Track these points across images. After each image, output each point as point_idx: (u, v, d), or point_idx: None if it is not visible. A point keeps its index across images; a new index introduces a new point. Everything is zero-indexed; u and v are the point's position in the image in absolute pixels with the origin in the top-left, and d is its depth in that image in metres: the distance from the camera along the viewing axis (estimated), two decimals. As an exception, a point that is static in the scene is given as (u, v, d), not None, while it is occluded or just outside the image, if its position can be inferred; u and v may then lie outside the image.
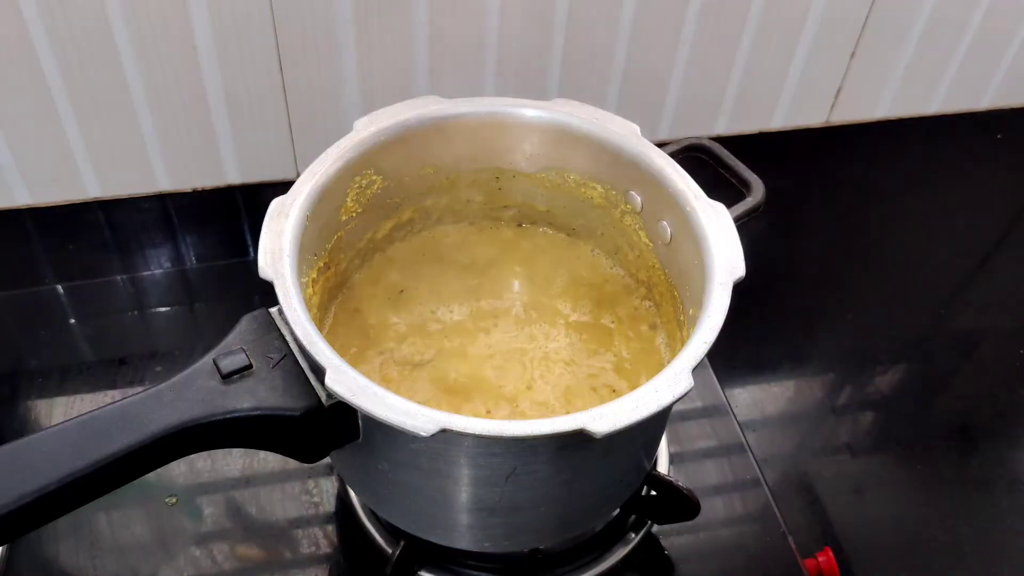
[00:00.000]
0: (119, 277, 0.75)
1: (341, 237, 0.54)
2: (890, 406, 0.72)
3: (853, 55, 0.88)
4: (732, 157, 0.58)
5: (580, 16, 0.77)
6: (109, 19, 0.67)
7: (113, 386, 0.66)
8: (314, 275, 0.51)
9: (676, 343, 0.53)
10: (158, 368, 0.68)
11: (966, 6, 0.87)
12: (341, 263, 0.56)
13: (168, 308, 0.74)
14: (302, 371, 0.43)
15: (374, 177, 0.54)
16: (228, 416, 0.41)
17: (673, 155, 0.53)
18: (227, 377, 0.42)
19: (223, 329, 0.45)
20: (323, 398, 0.42)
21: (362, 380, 0.40)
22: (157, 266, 0.77)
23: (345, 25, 0.72)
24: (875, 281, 0.82)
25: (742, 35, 0.83)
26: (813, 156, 0.94)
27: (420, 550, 0.55)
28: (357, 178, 0.53)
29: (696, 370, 0.42)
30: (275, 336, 0.44)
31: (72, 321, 0.72)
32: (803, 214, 0.88)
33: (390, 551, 0.56)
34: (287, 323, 0.43)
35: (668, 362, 0.43)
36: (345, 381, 0.40)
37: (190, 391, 0.42)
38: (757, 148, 0.91)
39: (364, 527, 0.58)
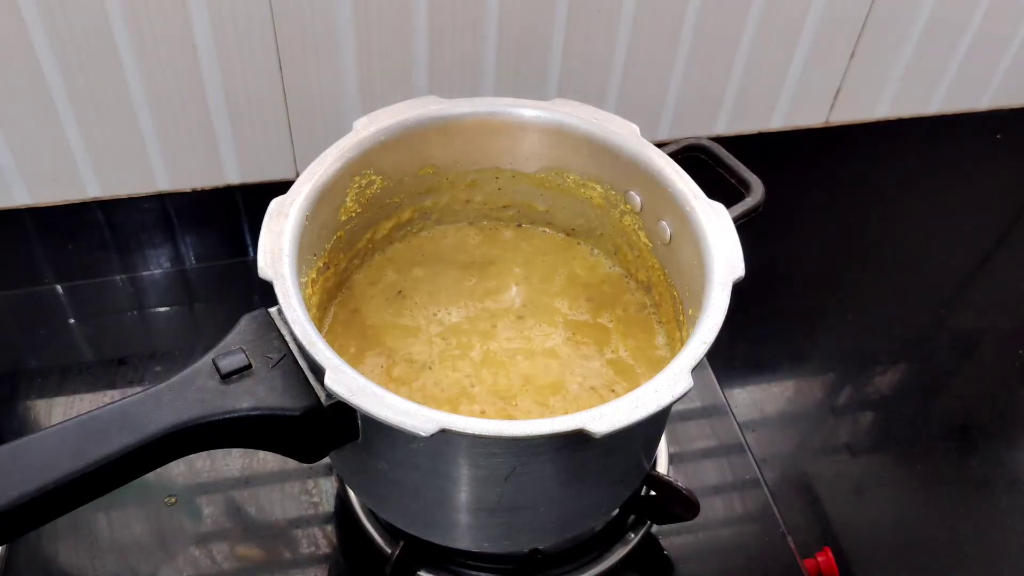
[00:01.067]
0: (119, 277, 0.75)
1: (341, 237, 0.54)
2: (890, 406, 0.72)
3: (853, 55, 0.88)
4: (731, 157, 0.58)
5: (580, 16, 0.77)
6: (109, 19, 0.67)
7: (113, 386, 0.66)
8: (313, 275, 0.51)
9: (675, 343, 0.53)
10: (158, 368, 0.68)
11: (966, 6, 0.87)
12: (340, 263, 0.56)
13: (168, 308, 0.74)
14: (301, 371, 0.43)
15: (374, 177, 0.54)
16: (227, 416, 0.41)
17: (673, 155, 0.53)
18: (226, 377, 0.42)
19: (223, 329, 0.45)
20: (322, 398, 0.42)
21: (361, 380, 0.40)
22: (157, 266, 0.77)
23: (345, 25, 0.72)
24: (875, 281, 0.82)
25: (742, 35, 0.82)
26: (813, 156, 0.94)
27: (420, 550, 0.55)
28: (357, 178, 0.53)
29: (695, 370, 0.42)
30: (274, 336, 0.44)
31: (72, 321, 0.72)
32: (803, 214, 0.88)
33: (390, 551, 0.56)
34: (286, 323, 0.43)
35: (667, 362, 0.43)
36: (344, 381, 0.40)
37: (189, 391, 0.42)
38: (757, 148, 0.91)
39: (364, 527, 0.58)
